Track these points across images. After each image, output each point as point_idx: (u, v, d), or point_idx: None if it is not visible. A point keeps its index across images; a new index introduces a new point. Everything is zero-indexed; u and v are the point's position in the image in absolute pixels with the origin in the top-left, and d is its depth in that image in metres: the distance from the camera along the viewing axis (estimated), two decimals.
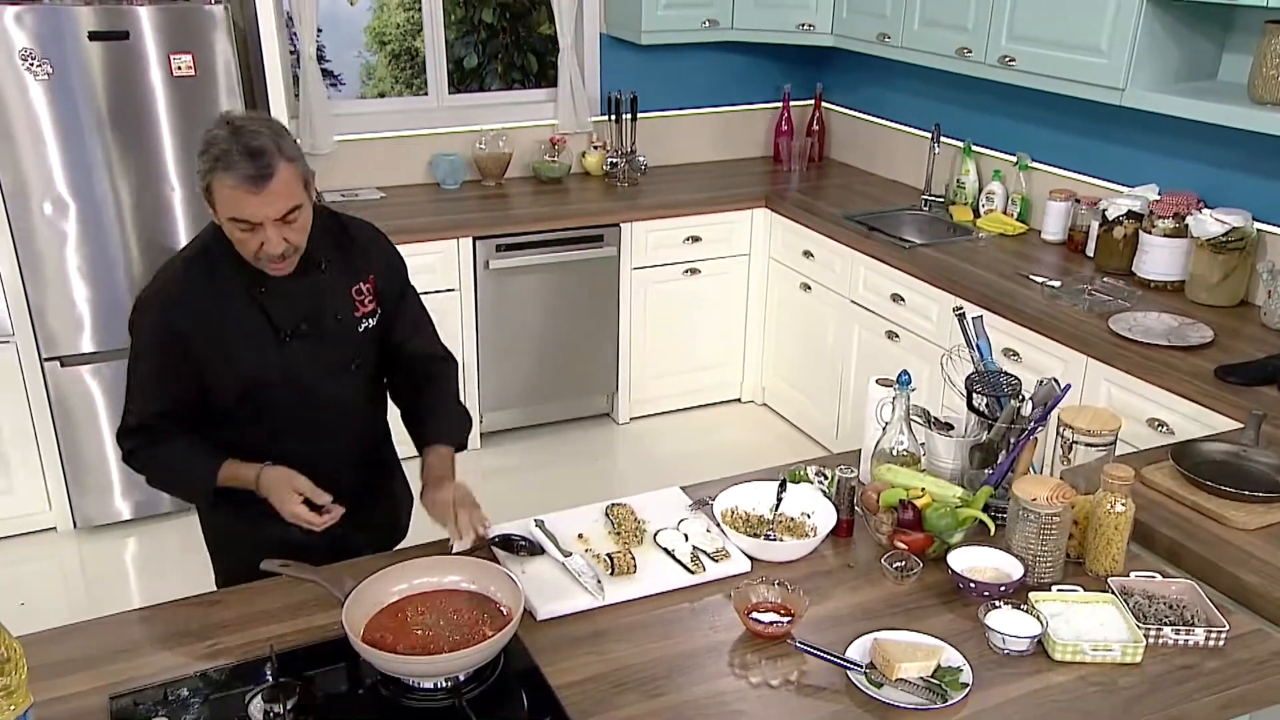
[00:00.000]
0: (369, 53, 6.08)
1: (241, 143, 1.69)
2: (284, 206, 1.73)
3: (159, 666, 1.55)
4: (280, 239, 1.75)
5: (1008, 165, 3.90)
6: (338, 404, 1.98)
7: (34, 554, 3.58)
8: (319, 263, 1.90)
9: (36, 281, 3.34)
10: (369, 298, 1.98)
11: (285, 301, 1.88)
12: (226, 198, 1.70)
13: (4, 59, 3.11)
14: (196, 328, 1.83)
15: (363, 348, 2.00)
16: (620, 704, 1.49)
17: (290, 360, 1.89)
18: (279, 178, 1.71)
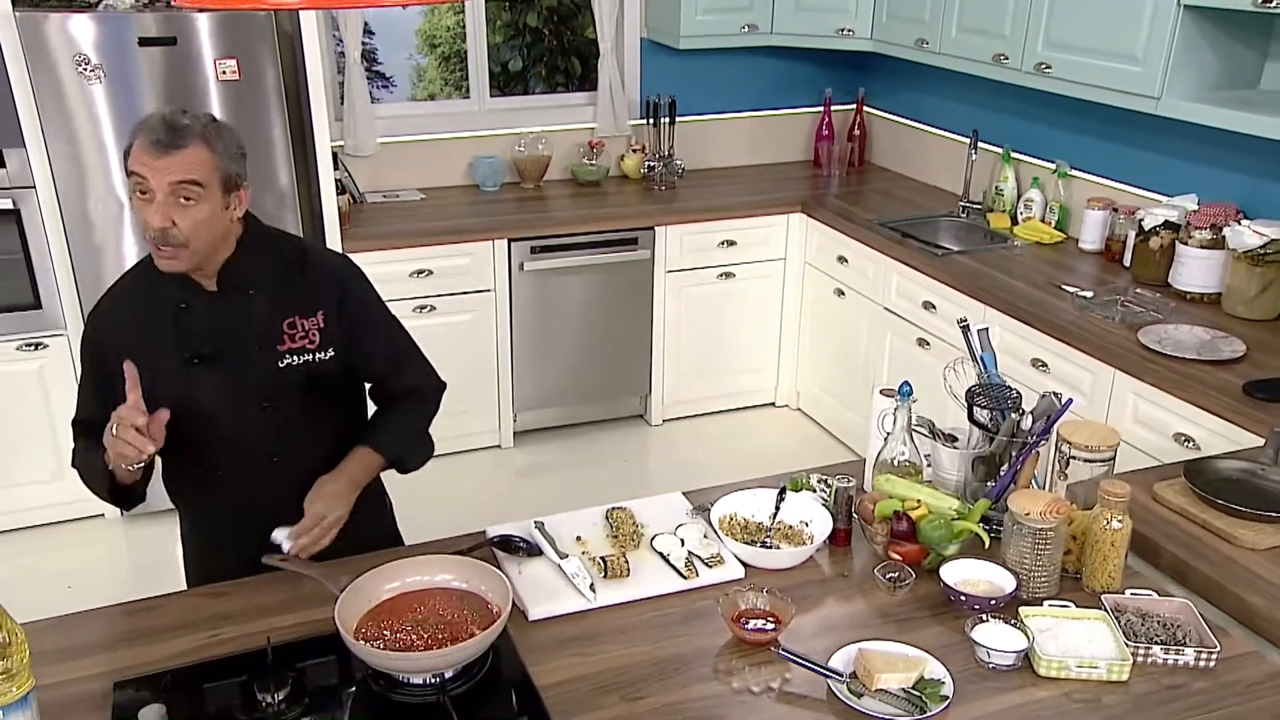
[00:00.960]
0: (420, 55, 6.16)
1: (166, 116, 1.71)
2: (179, 175, 1.69)
3: (162, 654, 1.61)
4: (166, 215, 1.70)
5: (1047, 173, 3.86)
6: (246, 442, 1.88)
7: (83, 539, 3.71)
8: (248, 286, 1.85)
9: (87, 278, 3.46)
10: (305, 335, 1.88)
11: (201, 322, 1.83)
12: (132, 158, 1.70)
13: (60, 64, 3.24)
14: (117, 344, 1.81)
15: (281, 386, 1.88)
16: (600, 705, 1.52)
17: (193, 386, 1.82)
18: (186, 152, 1.69)
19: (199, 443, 1.87)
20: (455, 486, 3.93)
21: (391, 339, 2.03)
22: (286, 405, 1.89)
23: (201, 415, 1.84)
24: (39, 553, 3.62)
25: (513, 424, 4.17)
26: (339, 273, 1.97)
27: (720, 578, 1.80)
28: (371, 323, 1.98)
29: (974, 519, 1.82)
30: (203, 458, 1.90)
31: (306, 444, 1.94)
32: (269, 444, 1.90)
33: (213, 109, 3.40)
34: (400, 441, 2.00)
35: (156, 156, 1.68)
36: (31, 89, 3.25)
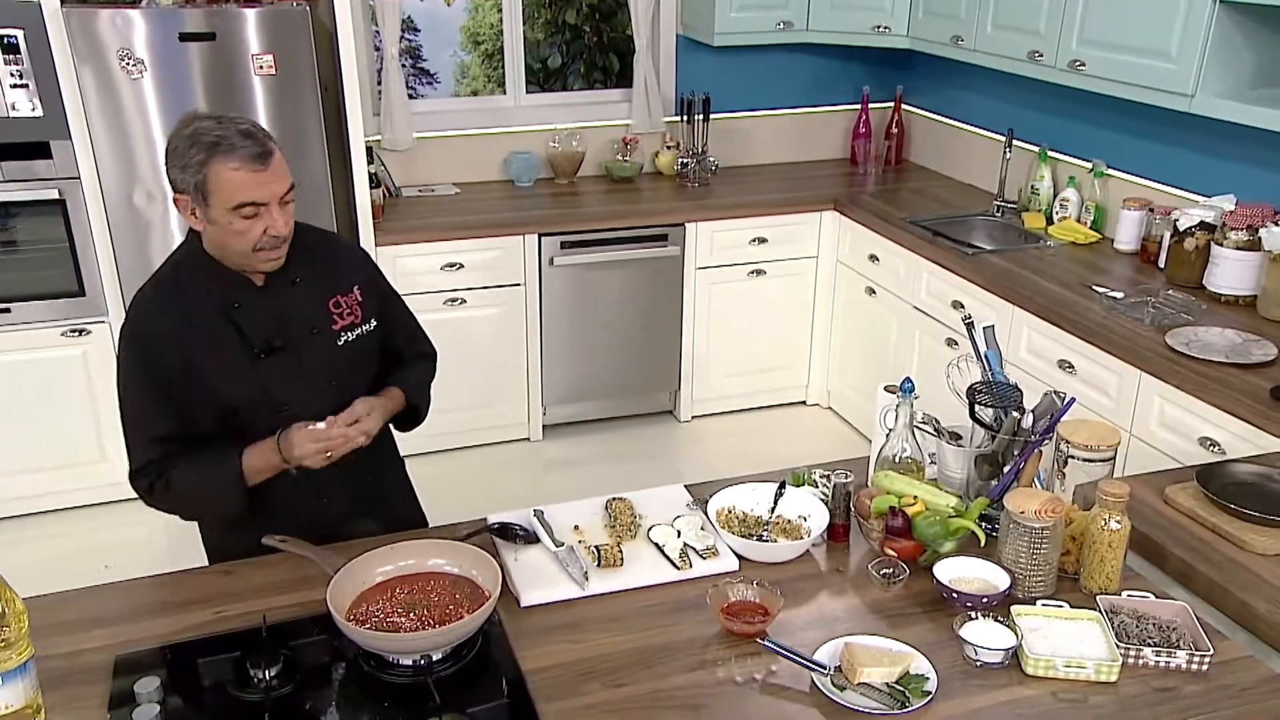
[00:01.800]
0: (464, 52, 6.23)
1: (234, 127, 1.74)
2: (285, 185, 1.79)
3: (165, 629, 1.67)
4: (285, 220, 1.80)
5: (1083, 172, 3.80)
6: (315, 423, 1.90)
7: (123, 520, 3.81)
8: (292, 277, 1.91)
9: (129, 266, 3.56)
10: (351, 311, 1.97)
11: (258, 317, 1.88)
12: (231, 181, 1.73)
13: (105, 59, 3.33)
14: (169, 353, 1.83)
15: (343, 363, 1.96)
16: (583, 691, 1.54)
17: (264, 378, 1.88)
18: (276, 157, 1.78)
19: (268, 430, 1.88)
20: (483, 478, 3.97)
21: (407, 314, 2.17)
22: (345, 380, 1.98)
23: (273, 404, 1.89)
24: (80, 533, 3.73)
25: (542, 417, 4.20)
26: (358, 252, 2.11)
27: (714, 569, 1.81)
28: (392, 299, 2.13)
29: (971, 517, 1.81)
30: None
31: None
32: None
33: (251, 103, 3.48)
34: (420, 390, 2.12)
35: (260, 170, 1.75)
36: (77, 83, 3.35)
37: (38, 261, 3.54)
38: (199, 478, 1.88)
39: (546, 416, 4.23)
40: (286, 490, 1.94)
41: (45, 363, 3.62)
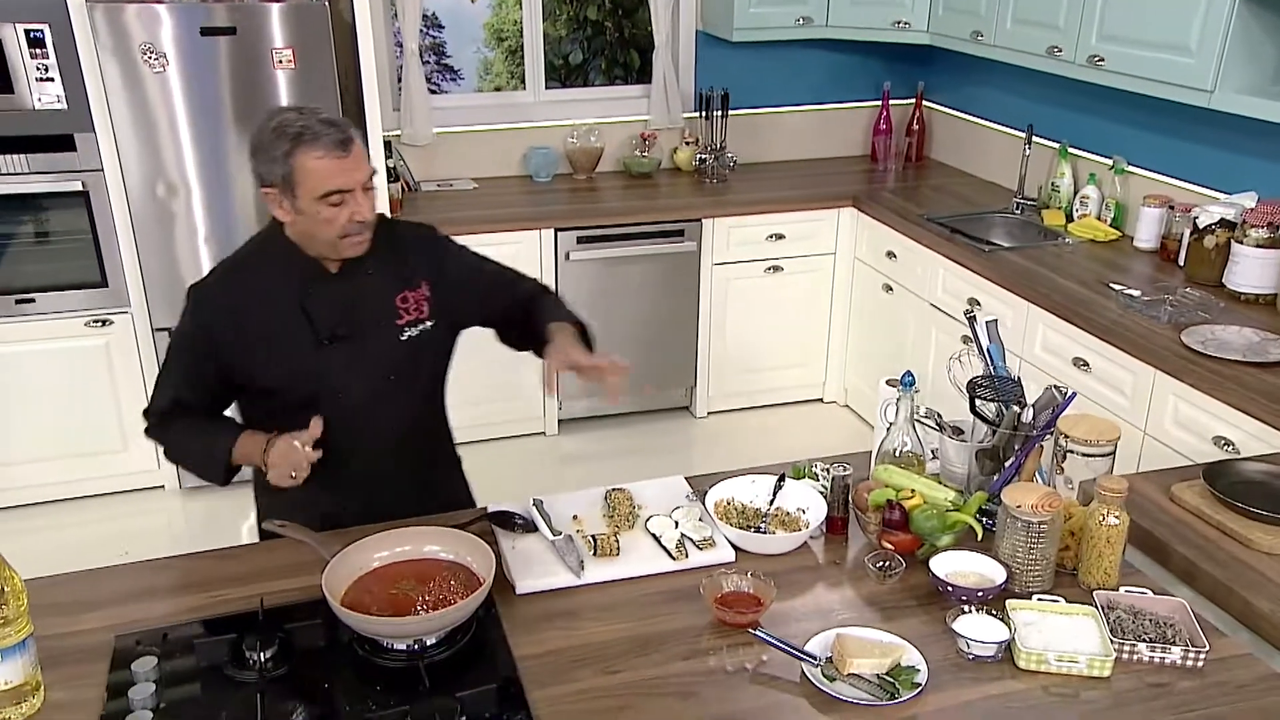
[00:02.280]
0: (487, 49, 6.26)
1: (315, 117, 1.79)
2: (367, 171, 1.83)
3: (165, 611, 1.69)
4: (369, 205, 1.84)
5: (1104, 169, 3.76)
6: (373, 412, 1.97)
7: (143, 509, 3.88)
8: (366, 269, 1.94)
9: (151, 258, 3.61)
10: (417, 306, 1.99)
11: (328, 304, 1.92)
12: (317, 169, 1.77)
13: (128, 53, 3.38)
14: (229, 328, 1.89)
15: (404, 359, 1.98)
16: (574, 678, 1.55)
17: (325, 364, 1.92)
18: (357, 143, 1.82)
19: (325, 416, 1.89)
20: (498, 471, 3.97)
21: (496, 268, 2.12)
22: (404, 374, 2.00)
23: (331, 391, 1.94)
24: (100, 521, 3.79)
25: (558, 411, 4.22)
26: (429, 242, 2.06)
27: (710, 560, 1.81)
28: (472, 268, 2.08)
29: (969, 511, 1.81)
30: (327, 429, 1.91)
31: (418, 409, 2.07)
32: (389, 413, 2.00)
33: (271, 97, 3.51)
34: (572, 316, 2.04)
35: (343, 159, 1.78)
36: (101, 76, 3.40)
37: (62, 253, 3.60)
38: (191, 442, 1.97)
39: (562, 411, 4.25)
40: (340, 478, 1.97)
41: (69, 352, 3.68)
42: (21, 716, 1.47)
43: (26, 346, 3.65)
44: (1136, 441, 2.88)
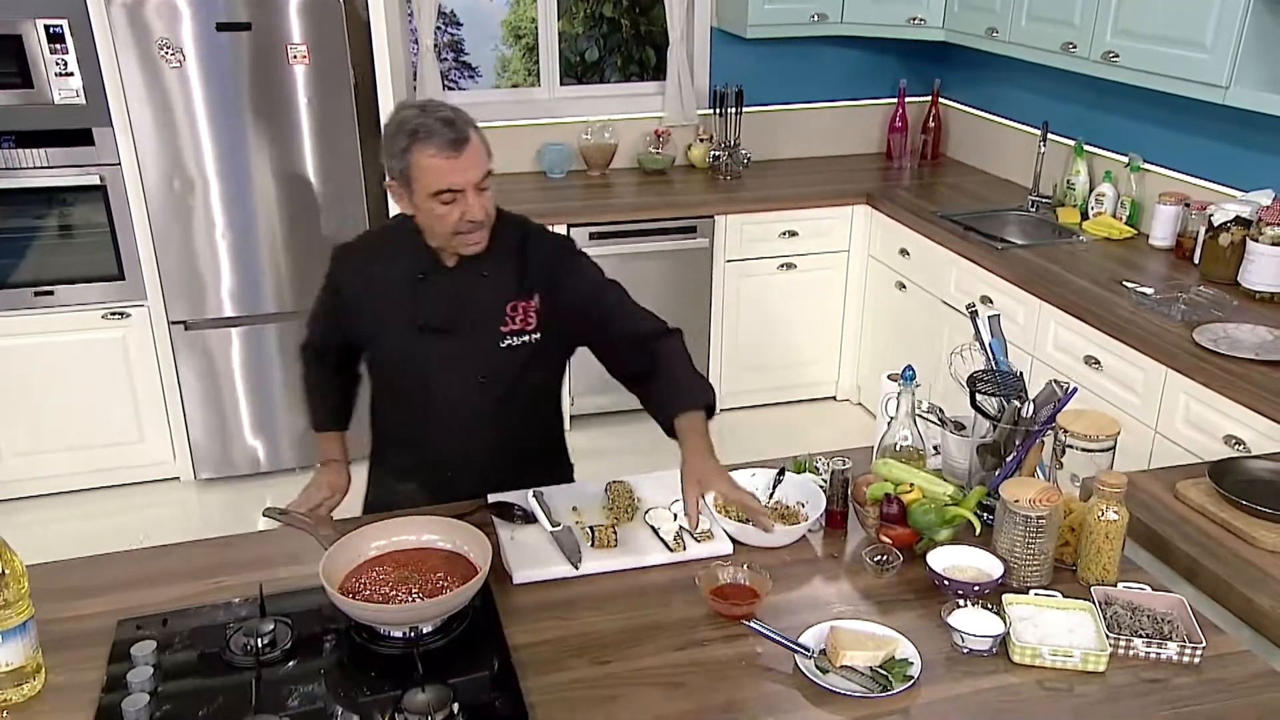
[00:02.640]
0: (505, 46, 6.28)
1: (434, 116, 1.80)
2: (481, 171, 1.83)
3: (167, 597, 1.71)
4: (480, 205, 1.85)
5: (1120, 166, 3.74)
6: (458, 409, 2.01)
7: (159, 500, 3.92)
8: (482, 270, 1.96)
9: (166, 252, 3.65)
10: (525, 317, 1.99)
11: (435, 294, 1.96)
12: (429, 168, 1.79)
13: (144, 48, 3.42)
14: (352, 292, 2.03)
15: (500, 364, 1.99)
16: (567, 666, 1.56)
17: (419, 351, 1.97)
18: (473, 143, 1.82)
19: (414, 402, 2.02)
20: None
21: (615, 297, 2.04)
22: (501, 381, 2.01)
23: (421, 378, 1.99)
24: (117, 512, 3.83)
25: (569, 408, 4.23)
26: (552, 257, 2.03)
27: (707, 552, 1.81)
28: (590, 293, 2.02)
29: (968, 506, 1.80)
30: (415, 415, 2.04)
31: (514, 417, 2.06)
32: (480, 415, 2.02)
33: (285, 92, 3.54)
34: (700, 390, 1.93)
35: (455, 159, 1.80)
36: (119, 71, 3.44)
37: (80, 246, 3.65)
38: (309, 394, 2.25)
39: (574, 407, 4.26)
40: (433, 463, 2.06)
41: (87, 344, 3.73)
42: (22, 698, 1.49)
43: (46, 338, 3.70)
44: (1147, 440, 2.86)
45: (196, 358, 3.80)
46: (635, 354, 1.98)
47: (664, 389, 1.91)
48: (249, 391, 3.88)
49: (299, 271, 3.74)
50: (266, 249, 3.71)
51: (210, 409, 3.87)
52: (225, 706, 1.45)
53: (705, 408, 1.88)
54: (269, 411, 3.92)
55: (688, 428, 1.83)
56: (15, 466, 3.82)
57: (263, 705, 1.44)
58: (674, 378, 1.92)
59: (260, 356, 3.85)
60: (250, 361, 3.85)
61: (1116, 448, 1.75)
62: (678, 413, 1.85)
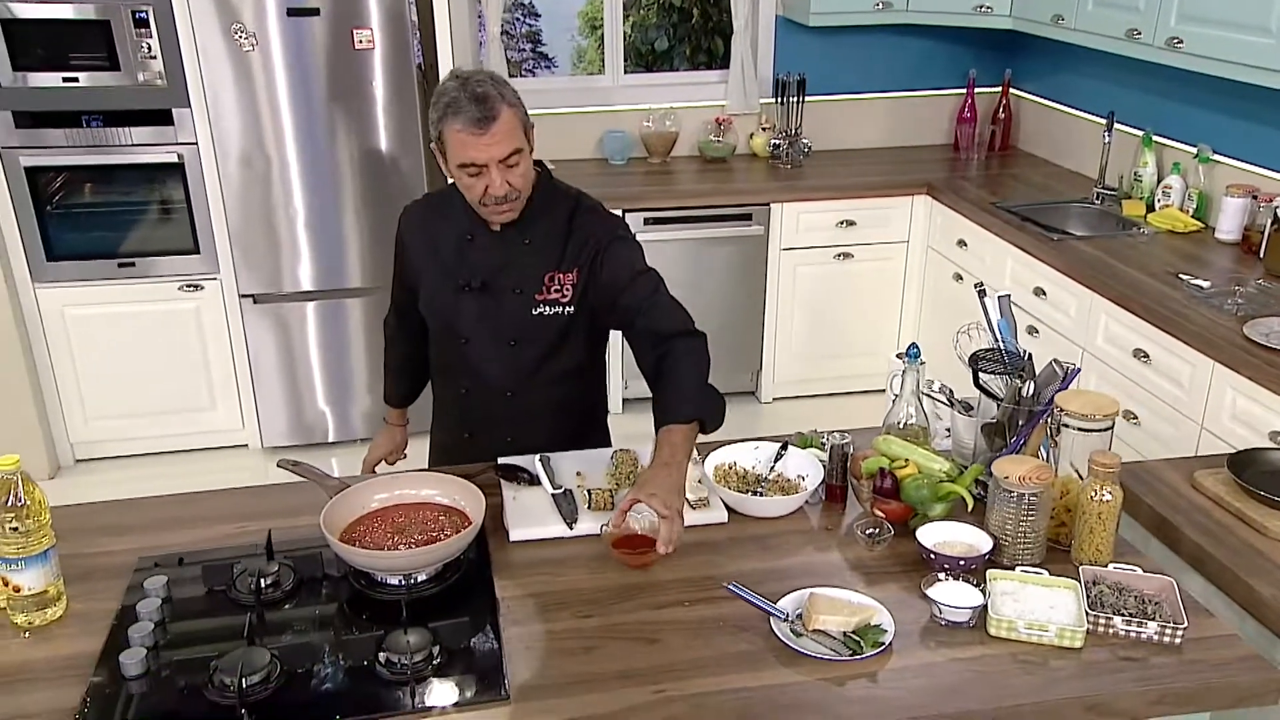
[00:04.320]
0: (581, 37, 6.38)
1: (468, 90, 1.84)
2: (506, 149, 1.86)
3: (188, 539, 1.82)
4: (503, 181, 1.88)
5: (1189, 158, 3.63)
6: (490, 370, 2.09)
7: (227, 466, 4.10)
8: (525, 236, 2.03)
9: (239, 227, 3.82)
10: (560, 289, 2.04)
11: (478, 256, 2.04)
12: (456, 142, 1.85)
13: (220, 33, 3.58)
14: (412, 247, 2.13)
15: (531, 331, 2.05)
16: (549, 619, 1.61)
17: (457, 309, 2.07)
18: (501, 120, 1.84)
19: (454, 359, 2.14)
20: None
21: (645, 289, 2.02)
22: (530, 347, 2.08)
23: (459, 336, 2.10)
24: (188, 475, 4.02)
25: (622, 390, 4.28)
26: (599, 236, 2.05)
27: (702, 520, 1.85)
28: (621, 277, 2.03)
29: (964, 483, 1.80)
30: (454, 372, 2.17)
31: (541, 383, 2.13)
32: (507, 377, 2.11)
33: (351, 75, 3.67)
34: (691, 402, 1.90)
35: (479, 135, 1.83)
36: (197, 54, 3.61)
37: (159, 221, 3.84)
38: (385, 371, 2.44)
39: (627, 390, 4.31)
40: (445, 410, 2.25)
41: (163, 314, 3.92)
42: (44, 621, 1.61)
43: (127, 308, 3.91)
44: (1193, 434, 2.79)
45: (266, 330, 3.96)
46: (653, 350, 1.98)
47: (665, 394, 1.91)
48: (320, 363, 4.04)
49: (363, 249, 3.88)
50: (335, 226, 3.85)
51: (279, 379, 4.03)
52: (221, 638, 1.54)
53: (698, 420, 1.87)
54: (337, 383, 4.07)
55: (664, 437, 1.82)
56: (98, 428, 4.04)
57: (255, 639, 1.52)
58: (677, 384, 1.92)
59: (330, 330, 4.00)
60: (319, 334, 4.00)
61: (1114, 428, 1.73)
62: (666, 422, 1.84)
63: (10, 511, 1.53)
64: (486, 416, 2.17)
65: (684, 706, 1.44)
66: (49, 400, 3.95)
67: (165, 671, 1.49)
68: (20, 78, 3.58)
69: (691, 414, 1.85)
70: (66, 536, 1.70)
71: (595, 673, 1.49)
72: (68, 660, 1.54)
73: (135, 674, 1.48)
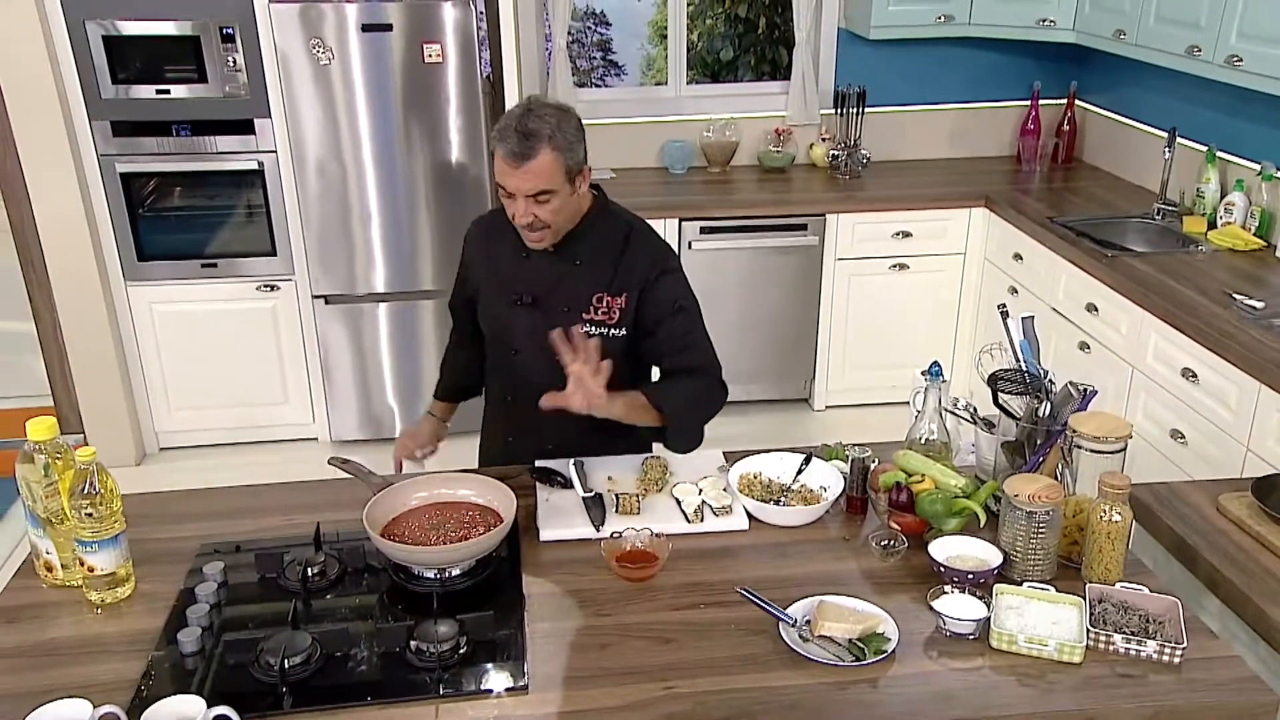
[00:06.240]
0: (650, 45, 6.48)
1: (523, 123, 1.93)
2: (535, 187, 1.94)
3: (245, 528, 1.97)
4: (527, 211, 1.98)
5: (1253, 175, 3.59)
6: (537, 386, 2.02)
7: (297, 458, 4.29)
8: (577, 257, 2.11)
9: (315, 232, 4.00)
10: (608, 311, 2.11)
11: (532, 273, 2.14)
12: (497, 166, 1.98)
13: (299, 47, 3.77)
14: (475, 258, 2.25)
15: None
16: (570, 615, 1.71)
17: (510, 323, 2.17)
18: (537, 160, 1.92)
19: (503, 370, 2.24)
20: None
21: (682, 327, 2.13)
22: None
23: (510, 348, 2.20)
24: (259, 465, 4.22)
25: None
26: (652, 264, 2.14)
27: (724, 526, 1.93)
28: (667, 311, 2.13)
29: (979, 499, 1.85)
30: (504, 380, 2.27)
31: None
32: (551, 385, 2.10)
33: (419, 88, 3.82)
34: (673, 399, 2.06)
35: (514, 168, 1.94)
36: (278, 67, 3.80)
37: (240, 225, 4.05)
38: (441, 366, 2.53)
39: None
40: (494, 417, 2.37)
41: (242, 313, 4.13)
42: (115, 599, 1.76)
43: (208, 306, 4.12)
44: (1238, 456, 2.78)
45: (338, 329, 4.15)
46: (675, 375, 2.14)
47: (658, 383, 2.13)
48: (390, 361, 4.21)
49: (433, 252, 4.04)
50: (405, 231, 4.01)
51: (350, 377, 4.21)
52: (268, 621, 1.68)
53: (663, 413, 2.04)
54: (406, 380, 4.24)
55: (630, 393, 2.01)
56: (181, 419, 4.27)
57: (298, 623, 1.66)
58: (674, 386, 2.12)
59: (400, 330, 4.17)
60: (390, 334, 4.17)
61: (1127, 450, 1.77)
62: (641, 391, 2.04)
63: (86, 498, 1.69)
64: (529, 423, 2.24)
65: (690, 703, 1.52)
66: (137, 392, 4.19)
67: (218, 650, 1.63)
68: (120, 90, 3.81)
69: (664, 405, 2.04)
70: (138, 522, 1.86)
71: (609, 668, 1.59)
72: (134, 635, 1.69)
73: (191, 651, 1.62)
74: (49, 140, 3.76)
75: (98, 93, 3.79)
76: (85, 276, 3.94)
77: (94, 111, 3.81)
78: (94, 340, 4.04)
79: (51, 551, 1.78)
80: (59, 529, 1.76)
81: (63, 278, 3.95)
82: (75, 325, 4.02)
